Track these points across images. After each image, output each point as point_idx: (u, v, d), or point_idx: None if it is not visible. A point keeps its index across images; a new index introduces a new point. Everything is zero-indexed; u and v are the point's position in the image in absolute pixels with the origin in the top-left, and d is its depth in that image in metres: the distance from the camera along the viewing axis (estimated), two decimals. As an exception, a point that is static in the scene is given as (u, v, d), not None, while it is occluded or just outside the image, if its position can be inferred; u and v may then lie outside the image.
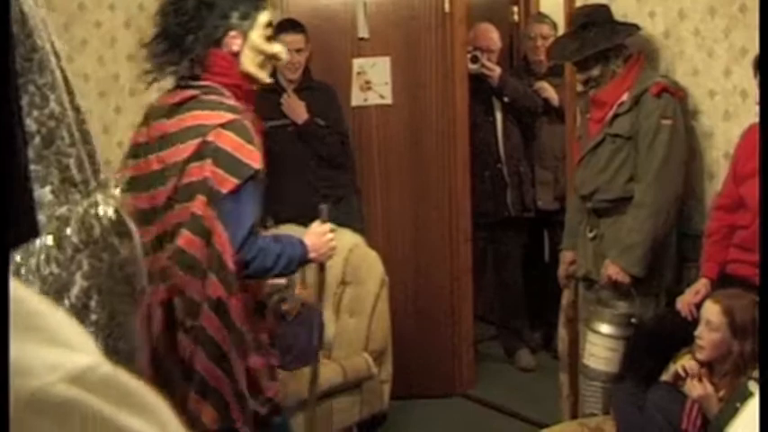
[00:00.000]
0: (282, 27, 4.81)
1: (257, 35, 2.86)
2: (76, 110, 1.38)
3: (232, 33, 2.81)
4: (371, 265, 4.56)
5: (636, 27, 4.06)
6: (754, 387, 2.86)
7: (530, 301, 5.79)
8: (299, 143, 4.78)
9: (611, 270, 3.90)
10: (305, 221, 4.71)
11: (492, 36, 5.53)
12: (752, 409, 2.80)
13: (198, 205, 2.71)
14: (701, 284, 3.66)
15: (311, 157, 4.79)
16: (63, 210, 1.30)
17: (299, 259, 2.90)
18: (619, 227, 3.96)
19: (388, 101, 5.06)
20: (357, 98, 5.04)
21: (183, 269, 2.75)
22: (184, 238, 2.73)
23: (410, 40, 5.05)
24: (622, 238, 3.90)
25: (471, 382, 5.30)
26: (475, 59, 5.32)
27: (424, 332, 5.13)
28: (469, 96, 5.22)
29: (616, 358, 3.83)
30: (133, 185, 2.83)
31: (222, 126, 2.72)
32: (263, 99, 4.87)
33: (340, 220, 4.78)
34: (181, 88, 2.85)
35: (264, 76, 2.95)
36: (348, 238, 4.65)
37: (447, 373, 5.19)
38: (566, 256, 4.34)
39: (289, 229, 4.76)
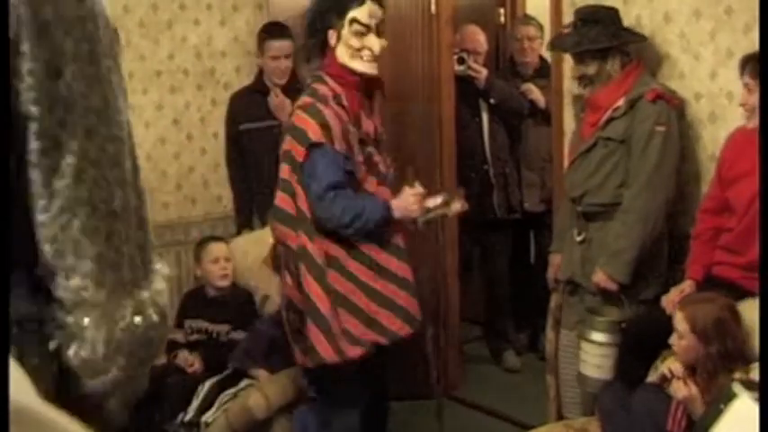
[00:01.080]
0: (269, 33, 4.81)
1: (347, 31, 3.57)
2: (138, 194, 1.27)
3: (330, 32, 3.60)
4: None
5: (642, 37, 4.07)
6: (738, 389, 2.87)
7: (515, 302, 5.80)
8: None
9: (599, 277, 3.91)
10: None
11: (478, 38, 5.53)
12: (736, 410, 2.81)
13: (285, 171, 3.55)
14: (687, 285, 3.68)
15: None
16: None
17: (380, 219, 3.56)
18: (607, 231, 3.96)
19: (375, 102, 5.06)
20: (343, 99, 5.03)
21: (280, 222, 3.57)
22: (278, 198, 3.57)
23: (397, 41, 5.04)
24: (609, 244, 3.91)
25: (457, 383, 5.30)
26: (461, 61, 5.33)
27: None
28: (456, 98, 5.22)
29: (609, 365, 3.83)
30: None
31: (299, 108, 3.56)
32: (249, 100, 4.90)
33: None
34: None
35: (358, 66, 3.60)
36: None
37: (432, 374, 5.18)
38: (555, 258, 4.34)
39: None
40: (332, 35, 3.61)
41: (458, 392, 5.23)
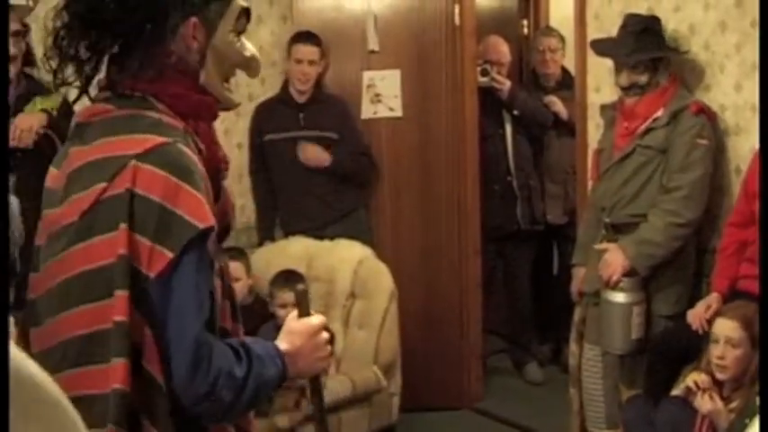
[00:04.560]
0: (297, 37, 4.84)
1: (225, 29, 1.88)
2: None
3: (193, 20, 1.80)
4: (381, 277, 4.56)
5: (685, 48, 4.06)
6: (764, 403, 2.85)
7: (538, 314, 5.78)
8: None
9: (613, 254, 3.89)
10: (314, 234, 4.77)
11: (502, 49, 5.53)
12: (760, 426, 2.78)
13: (118, 307, 1.62)
14: (713, 299, 3.66)
15: (321, 170, 4.80)
16: None
17: (276, 381, 1.80)
18: None
19: (398, 113, 5.07)
20: (367, 111, 5.05)
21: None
22: (115, 371, 1.62)
23: (420, 52, 5.06)
24: (640, 232, 3.89)
25: (480, 395, 5.29)
26: (485, 72, 5.33)
27: (433, 345, 5.12)
28: (479, 109, 5.22)
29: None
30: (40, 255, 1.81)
31: (145, 156, 1.67)
32: (274, 111, 4.91)
33: (349, 233, 4.80)
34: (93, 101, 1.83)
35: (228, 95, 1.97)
36: (357, 251, 4.65)
37: (456, 386, 5.18)
38: (578, 271, 4.32)
39: (297, 242, 4.77)
40: None
41: (480, 405, 5.21)
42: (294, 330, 1.88)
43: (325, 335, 1.91)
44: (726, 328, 3.28)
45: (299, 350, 1.84)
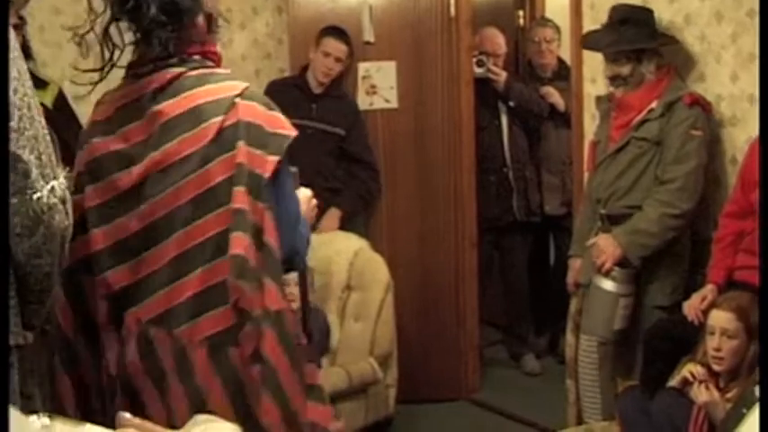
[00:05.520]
0: (330, 31, 4.82)
1: None
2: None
3: None
4: (377, 269, 4.56)
5: (674, 39, 4.05)
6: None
7: (535, 305, 5.78)
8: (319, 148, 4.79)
9: (606, 241, 3.90)
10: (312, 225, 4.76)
11: (498, 40, 5.52)
12: (757, 415, 2.78)
13: (239, 198, 2.17)
14: (708, 290, 3.65)
15: (330, 156, 4.82)
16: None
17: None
18: None
19: (394, 105, 5.06)
20: (363, 102, 5.04)
21: (245, 281, 2.17)
22: (238, 243, 2.16)
23: (416, 44, 5.05)
24: (634, 222, 3.90)
25: (476, 386, 5.29)
26: (481, 63, 5.32)
27: (429, 336, 5.12)
28: (475, 100, 5.21)
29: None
30: (113, 208, 2.28)
31: (241, 96, 2.26)
32: (287, 93, 4.87)
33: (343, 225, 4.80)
34: (147, 74, 2.28)
35: None
36: (353, 242, 4.65)
37: (452, 377, 5.18)
38: (574, 263, 4.32)
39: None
40: None
41: (477, 396, 5.22)
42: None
43: (314, 201, 2.55)
44: (721, 319, 3.28)
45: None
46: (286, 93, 4.88)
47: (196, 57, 2.31)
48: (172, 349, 2.16)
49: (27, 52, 3.91)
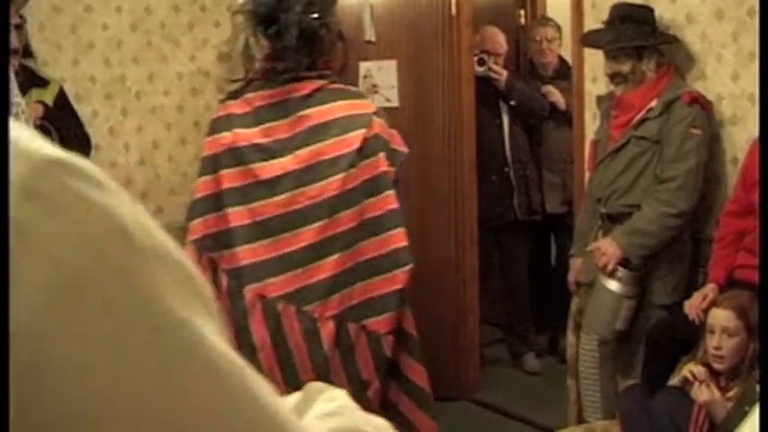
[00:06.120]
0: None
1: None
2: None
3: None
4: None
5: (674, 37, 4.05)
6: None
7: (536, 305, 5.78)
8: None
9: (605, 244, 3.89)
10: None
11: (499, 39, 5.52)
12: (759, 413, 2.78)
13: (391, 200, 2.95)
14: (709, 289, 3.65)
15: None
16: None
17: None
18: None
19: (395, 104, 5.06)
20: (364, 101, 5.04)
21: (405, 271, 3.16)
22: (398, 236, 3.05)
23: (417, 43, 5.05)
24: (633, 222, 3.90)
25: (477, 385, 5.29)
26: (482, 62, 5.32)
27: (429, 335, 5.11)
28: (476, 99, 5.21)
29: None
30: (249, 194, 2.85)
31: (376, 114, 3.04)
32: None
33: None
34: (287, 82, 2.93)
35: None
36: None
37: (453, 376, 5.18)
38: (575, 262, 4.33)
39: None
40: None
41: (478, 395, 5.22)
42: None
43: None
44: (721, 317, 3.28)
45: None
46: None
47: (326, 72, 2.88)
48: (301, 324, 2.63)
49: (28, 51, 3.92)
